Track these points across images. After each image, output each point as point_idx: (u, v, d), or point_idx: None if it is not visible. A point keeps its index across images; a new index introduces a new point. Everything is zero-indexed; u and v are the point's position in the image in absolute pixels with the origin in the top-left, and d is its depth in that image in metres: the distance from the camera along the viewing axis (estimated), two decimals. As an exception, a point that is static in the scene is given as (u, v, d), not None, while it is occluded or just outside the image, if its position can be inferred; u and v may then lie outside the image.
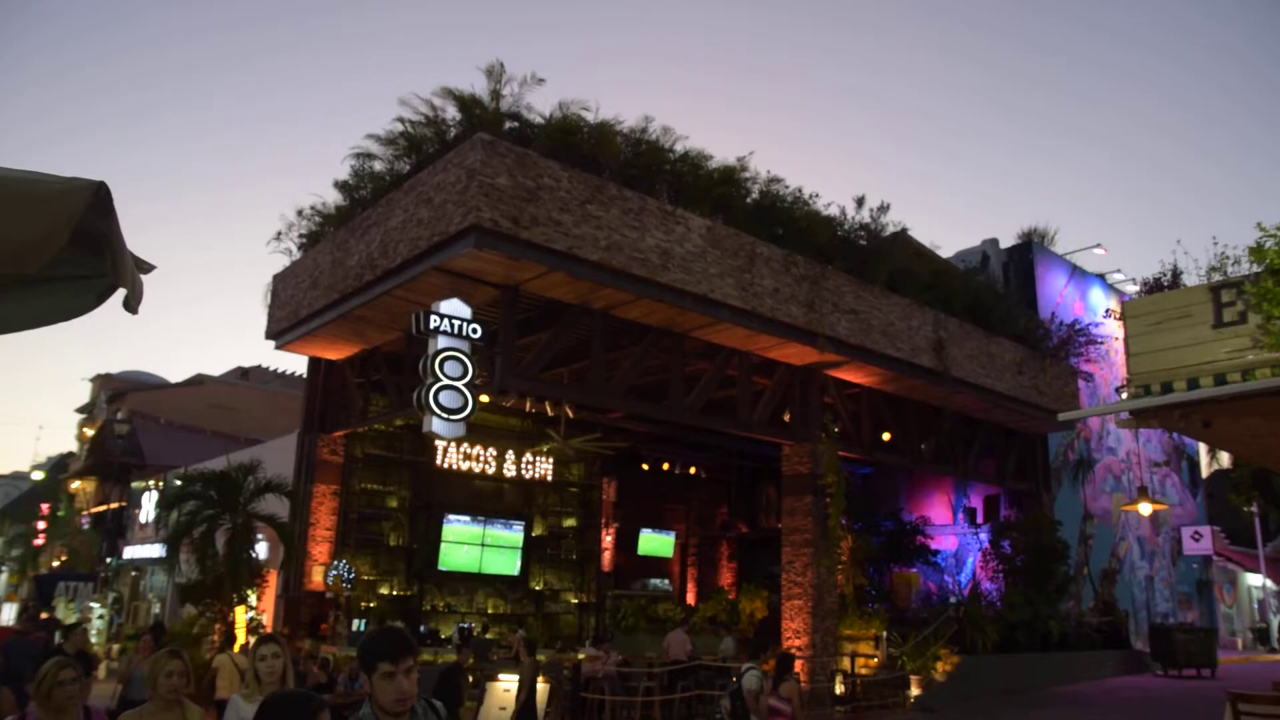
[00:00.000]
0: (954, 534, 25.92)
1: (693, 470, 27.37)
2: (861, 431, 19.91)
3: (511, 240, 12.93)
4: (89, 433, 41.77)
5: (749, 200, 16.48)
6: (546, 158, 13.41)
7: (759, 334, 16.17)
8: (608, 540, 24.32)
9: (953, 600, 21.73)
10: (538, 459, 22.79)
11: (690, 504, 28.24)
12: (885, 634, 17.88)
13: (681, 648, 16.58)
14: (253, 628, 16.80)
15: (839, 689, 16.94)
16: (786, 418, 18.66)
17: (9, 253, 1.65)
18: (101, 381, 45.61)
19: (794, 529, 17.91)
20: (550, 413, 18.97)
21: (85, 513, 37.42)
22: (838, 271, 17.36)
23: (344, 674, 13.03)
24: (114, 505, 32.61)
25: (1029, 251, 26.80)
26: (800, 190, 17.19)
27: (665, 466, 26.52)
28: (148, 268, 2.49)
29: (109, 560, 31.41)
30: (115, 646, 24.31)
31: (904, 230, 19.07)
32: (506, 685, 11.19)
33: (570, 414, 19.06)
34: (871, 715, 16.11)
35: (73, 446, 49.60)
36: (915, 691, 17.07)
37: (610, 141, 14.18)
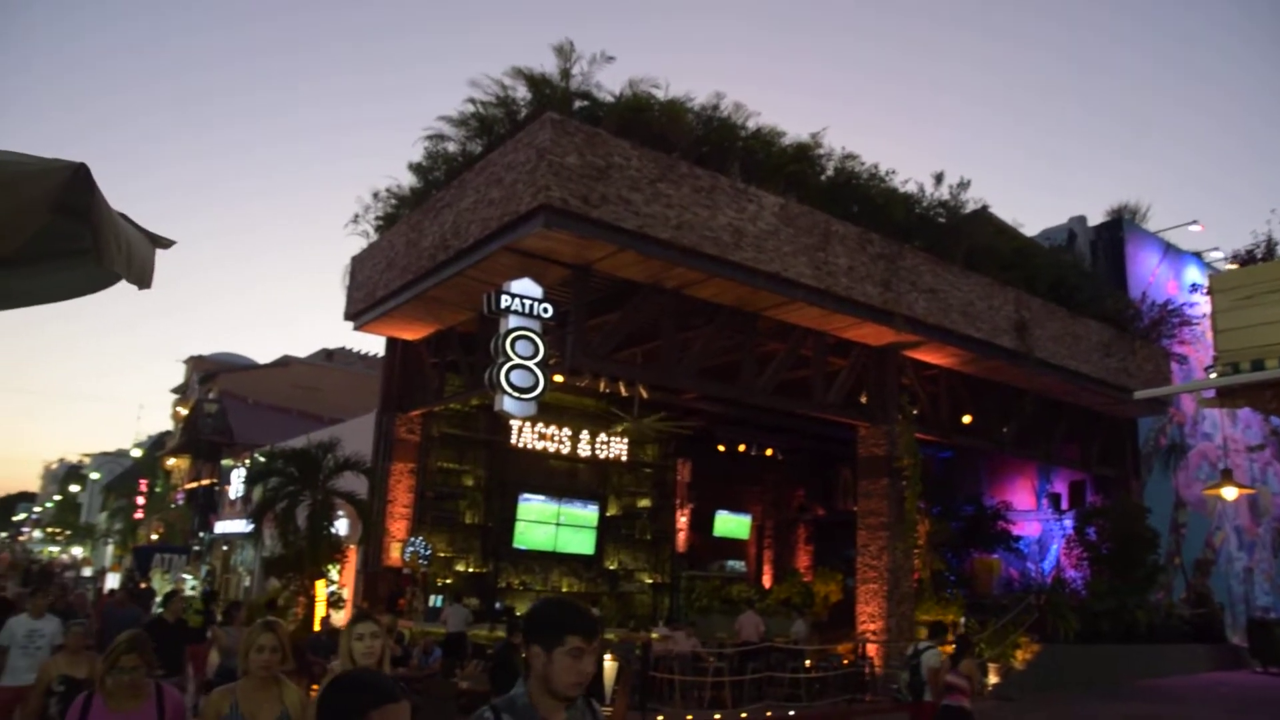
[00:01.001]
0: (1037, 520, 25.25)
1: (769, 452, 27.12)
2: (940, 413, 19.48)
3: (581, 219, 12.90)
4: (183, 412, 43.27)
5: (823, 178, 16.19)
6: (616, 136, 13.35)
7: (833, 313, 15.90)
8: (682, 521, 24.27)
9: (1035, 587, 21.18)
10: (612, 439, 22.82)
11: (766, 486, 28.04)
12: (963, 620, 17.51)
13: (754, 629, 16.49)
14: (333, 601, 17.21)
15: (914, 675, 16.66)
16: (862, 399, 18.35)
17: None
18: (194, 363, 47.14)
19: (869, 512, 17.63)
20: (624, 393, 18.99)
21: (180, 489, 38.84)
22: (915, 250, 16.97)
23: (418, 648, 13.27)
24: (205, 482, 33.75)
25: (1119, 229, 25.82)
26: (876, 167, 16.85)
27: (741, 448, 26.32)
28: (165, 243, 2.50)
29: (201, 534, 32.57)
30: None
31: (984, 207, 18.53)
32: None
33: (644, 394, 19.02)
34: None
35: (169, 425, 51.44)
36: (994, 679, 16.68)
37: (681, 119, 14.04)
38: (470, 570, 20.78)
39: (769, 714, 13.94)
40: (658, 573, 23.67)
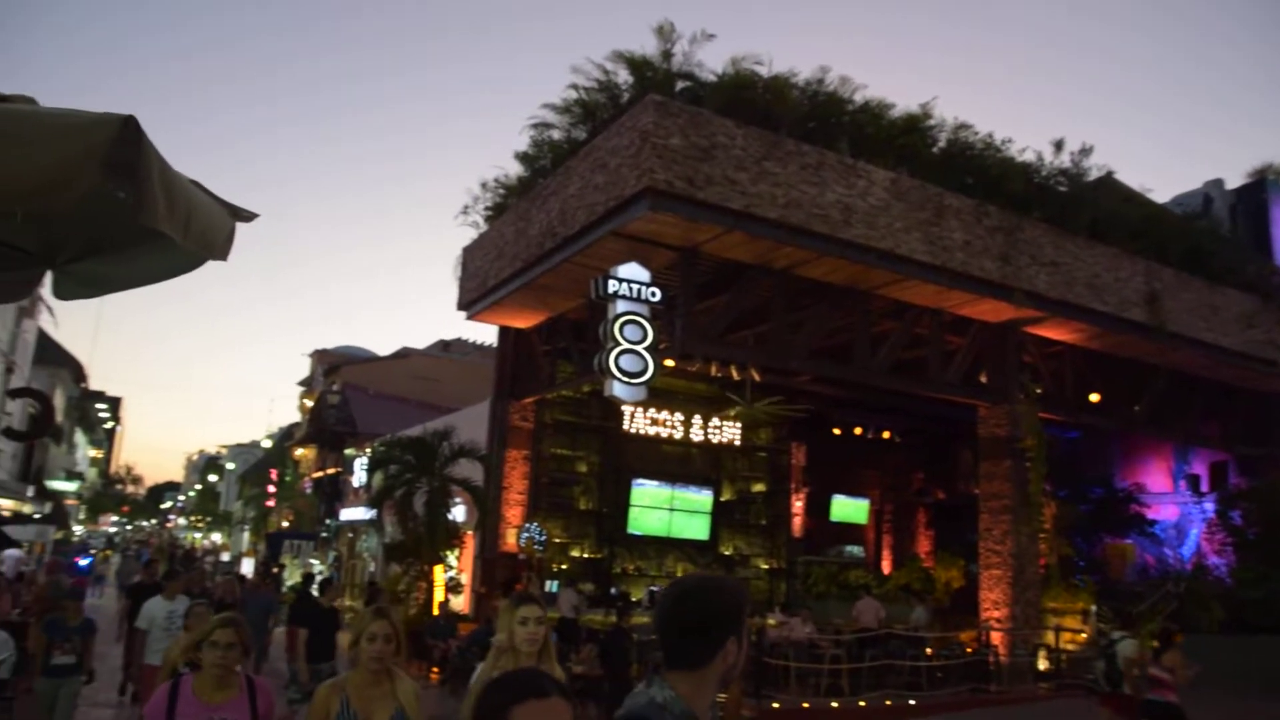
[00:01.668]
0: (1174, 503, 23.97)
1: (886, 435, 26.50)
2: (1065, 392, 18.66)
3: (686, 201, 12.77)
4: (308, 404, 44.89)
5: (935, 150, 15.64)
6: (720, 115, 13.16)
7: (949, 290, 15.37)
8: (798, 505, 23.95)
9: (1173, 575, 20.12)
10: (725, 423, 22.66)
11: (884, 469, 27.41)
12: (1094, 608, 16.76)
13: (872, 615, 16.13)
14: (451, 586, 17.57)
15: (1042, 664, 16.06)
16: (982, 378, 17.70)
17: (29, 187, 1.63)
18: (318, 356, 48.83)
19: (992, 495, 17.02)
20: (735, 377, 18.78)
21: (307, 478, 40.33)
22: (1035, 221, 16.25)
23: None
24: (330, 471, 34.94)
25: (1261, 191, 24.17)
26: (990, 137, 16.20)
27: (857, 431, 25.80)
28: (247, 216, 2.49)
29: (328, 521, 33.75)
30: (337, 601, 26.05)
31: (1109, 174, 17.64)
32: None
33: (756, 377, 18.77)
34: (1077, 693, 15.15)
35: (296, 417, 53.47)
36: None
37: (785, 95, 13.75)
38: (585, 555, 20.94)
39: (888, 703, 13.60)
40: (773, 558, 23.42)
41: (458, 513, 19.36)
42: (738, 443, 23.19)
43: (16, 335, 30.21)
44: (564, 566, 20.22)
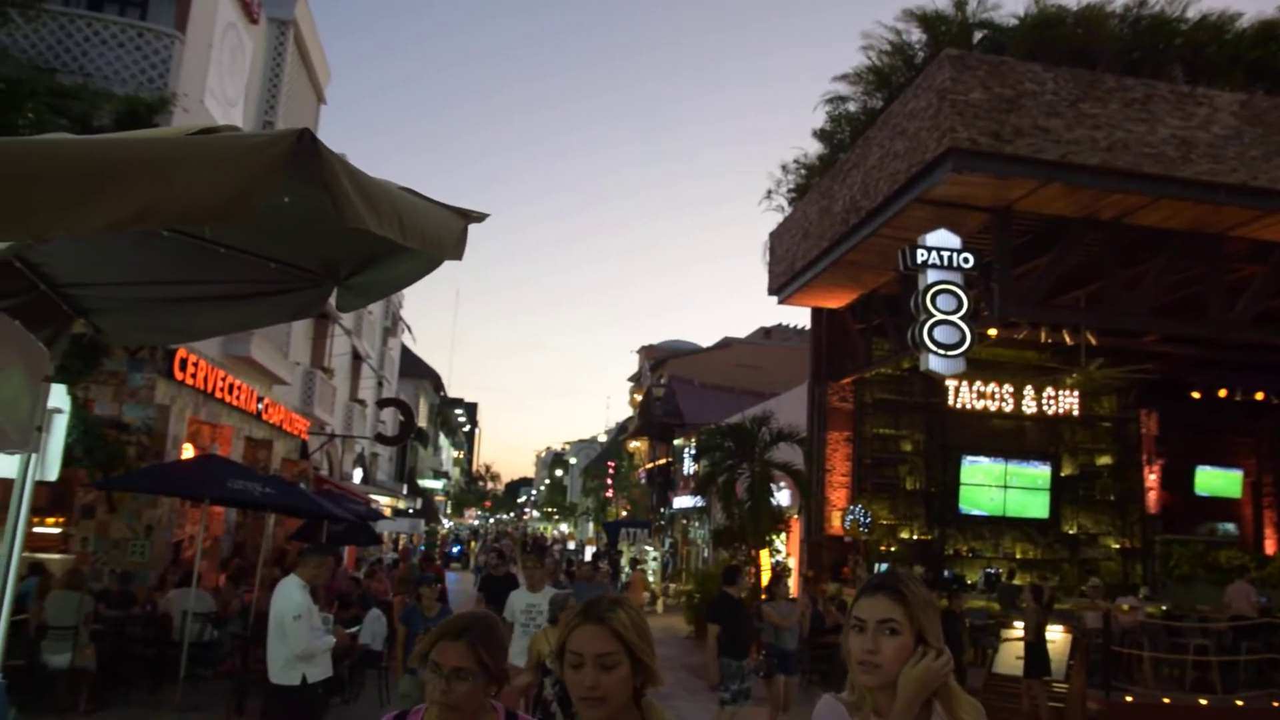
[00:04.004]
0: None
1: (1259, 396, 23.30)
2: None
3: (993, 158, 12.00)
4: (638, 398, 47.07)
5: (1297, 60, 13.56)
6: (1025, 61, 12.23)
7: (1324, 224, 13.27)
8: (1152, 479, 21.72)
9: None
10: (1060, 392, 21.03)
11: (1259, 436, 24.12)
12: None
13: (1247, 602, 14.27)
14: (777, 571, 17.65)
15: None
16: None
17: (215, 206, 1.84)
18: (645, 352, 51.06)
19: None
20: (1068, 342, 17.39)
21: (641, 469, 42.29)
22: None
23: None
24: (661, 461, 36.41)
25: None
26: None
27: (1221, 393, 22.90)
28: (477, 216, 2.68)
29: (661, 510, 35.19)
30: (672, 586, 27.16)
31: None
32: (1017, 634, 10.44)
33: (1091, 341, 17.26)
34: None
35: (629, 412, 56.27)
36: None
37: (1101, 27, 12.54)
38: (915, 537, 20.26)
39: (1276, 704, 11.85)
40: (1125, 536, 21.40)
41: (781, 497, 19.44)
42: (1076, 413, 21.42)
43: (384, 353, 34.20)
44: (893, 549, 19.68)
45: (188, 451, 15.13)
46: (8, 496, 3.55)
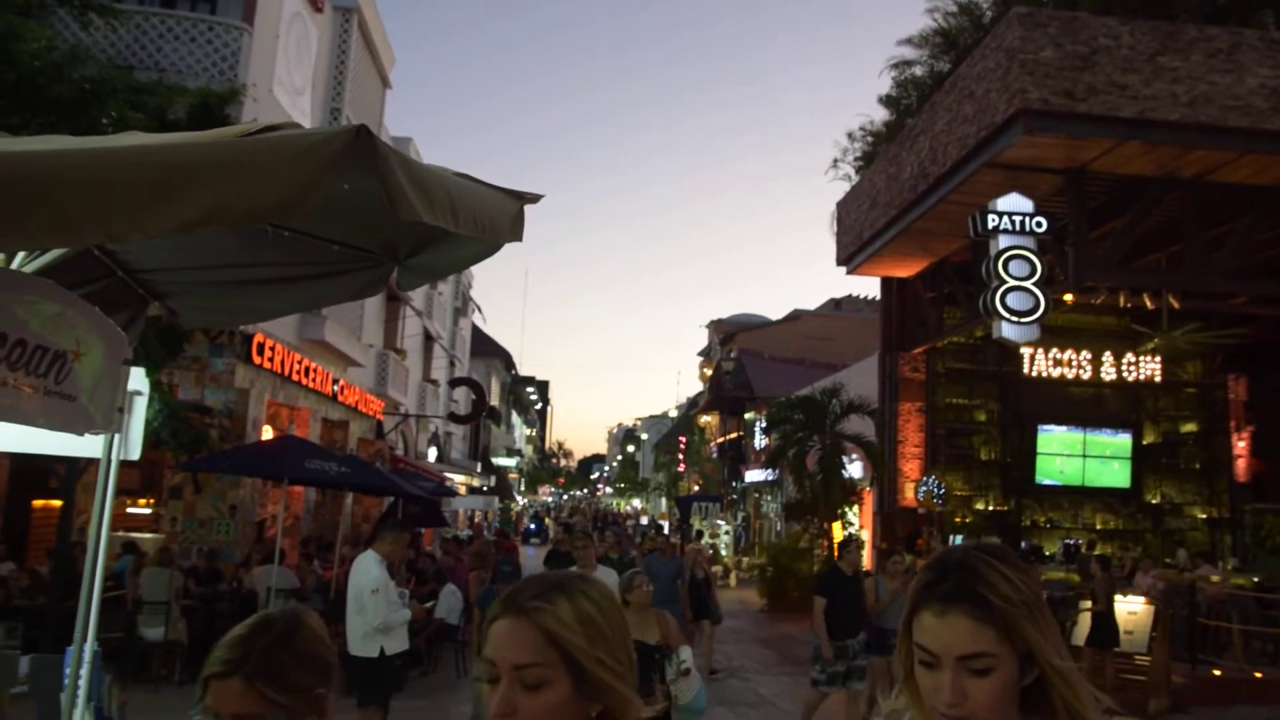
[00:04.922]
0: None
1: (1357, 358, 22.41)
2: None
3: (1066, 117, 11.66)
4: (708, 373, 47.01)
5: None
6: (1099, 15, 11.82)
7: None
8: (1241, 446, 21.00)
9: None
10: (1141, 358, 20.42)
11: (1360, 399, 23.21)
12: None
13: (1344, 570, 13.77)
14: (845, 543, 17.55)
15: None
16: None
17: (274, 203, 1.90)
18: (715, 326, 50.88)
19: None
20: (1149, 306, 16.86)
21: (712, 443, 42.30)
22: None
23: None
24: (732, 435, 36.36)
25: None
26: None
27: (1315, 357, 22.08)
28: (531, 198, 2.75)
29: (734, 484, 35.17)
30: (745, 559, 27.17)
31: None
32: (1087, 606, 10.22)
33: (1174, 304, 16.71)
34: None
35: (699, 386, 56.23)
36: None
37: (1181, -24, 12.03)
38: (991, 508, 19.92)
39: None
40: (1212, 506, 20.76)
41: (853, 469, 19.28)
42: (1158, 379, 20.79)
43: (455, 333, 34.65)
44: (967, 520, 19.39)
45: (267, 433, 15.58)
46: (96, 476, 3.73)
